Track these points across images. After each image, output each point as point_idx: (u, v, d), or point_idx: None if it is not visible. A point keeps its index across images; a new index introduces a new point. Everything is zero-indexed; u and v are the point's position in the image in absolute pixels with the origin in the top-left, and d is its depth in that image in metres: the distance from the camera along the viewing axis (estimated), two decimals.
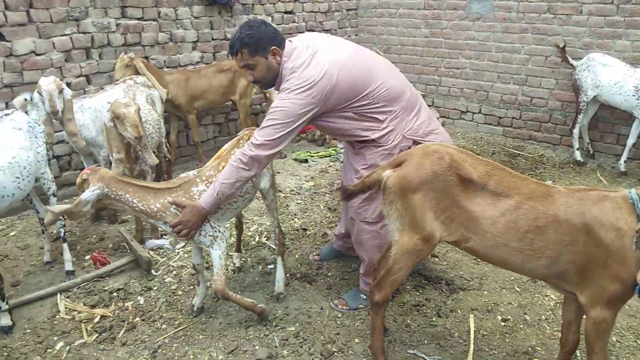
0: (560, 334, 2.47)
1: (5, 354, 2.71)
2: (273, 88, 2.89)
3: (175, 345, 2.78)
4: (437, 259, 3.67)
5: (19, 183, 2.91)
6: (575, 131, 5.35)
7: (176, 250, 3.74)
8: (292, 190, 4.84)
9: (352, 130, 2.79)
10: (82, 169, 4.35)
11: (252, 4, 5.85)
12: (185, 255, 3.68)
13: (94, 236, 3.95)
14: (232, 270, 3.43)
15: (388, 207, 2.34)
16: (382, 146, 2.80)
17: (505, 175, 2.18)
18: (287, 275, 3.34)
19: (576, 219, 2.04)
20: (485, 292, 3.30)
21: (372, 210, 2.87)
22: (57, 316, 3.01)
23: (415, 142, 2.80)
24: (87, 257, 3.62)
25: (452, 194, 2.18)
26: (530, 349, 2.78)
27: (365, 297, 3.07)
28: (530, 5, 5.71)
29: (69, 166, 4.65)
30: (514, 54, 5.98)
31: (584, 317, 2.22)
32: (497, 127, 6.34)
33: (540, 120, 5.96)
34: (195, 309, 3.02)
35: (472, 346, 2.78)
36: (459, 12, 6.28)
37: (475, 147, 5.98)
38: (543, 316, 3.06)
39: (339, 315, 3.03)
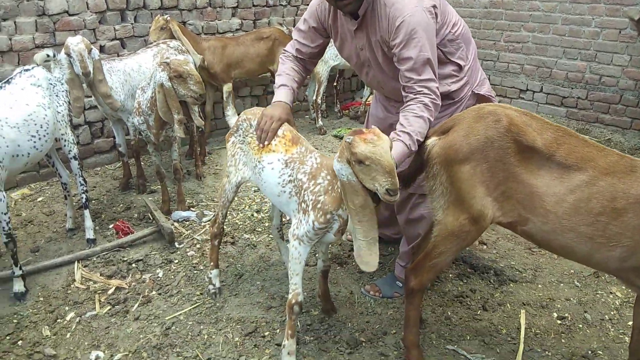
0: (629, 339, 2.09)
1: (15, 321, 2.57)
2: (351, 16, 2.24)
3: (190, 323, 2.56)
4: (485, 247, 3.29)
5: (34, 142, 2.73)
6: None
7: (202, 224, 3.52)
8: None
9: None
10: (114, 137, 4.23)
11: None
12: None
13: (121, 205, 3.79)
14: (213, 292, 2.77)
15: (431, 182, 1.99)
16: (454, 103, 2.37)
17: (579, 144, 1.77)
18: (315, 255, 3.06)
19: None
20: (539, 286, 2.92)
21: None
22: (72, 285, 2.86)
23: (481, 99, 2.40)
24: (111, 225, 3.46)
25: (509, 164, 1.80)
26: (590, 352, 2.42)
27: (401, 285, 2.74)
28: None
29: (101, 133, 4.51)
30: (583, 27, 5.37)
31: None
32: (560, 107, 5.77)
33: (610, 101, 5.34)
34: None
35: (522, 345, 2.43)
36: None
37: None
38: (607, 316, 2.68)
39: (371, 301, 2.73)
